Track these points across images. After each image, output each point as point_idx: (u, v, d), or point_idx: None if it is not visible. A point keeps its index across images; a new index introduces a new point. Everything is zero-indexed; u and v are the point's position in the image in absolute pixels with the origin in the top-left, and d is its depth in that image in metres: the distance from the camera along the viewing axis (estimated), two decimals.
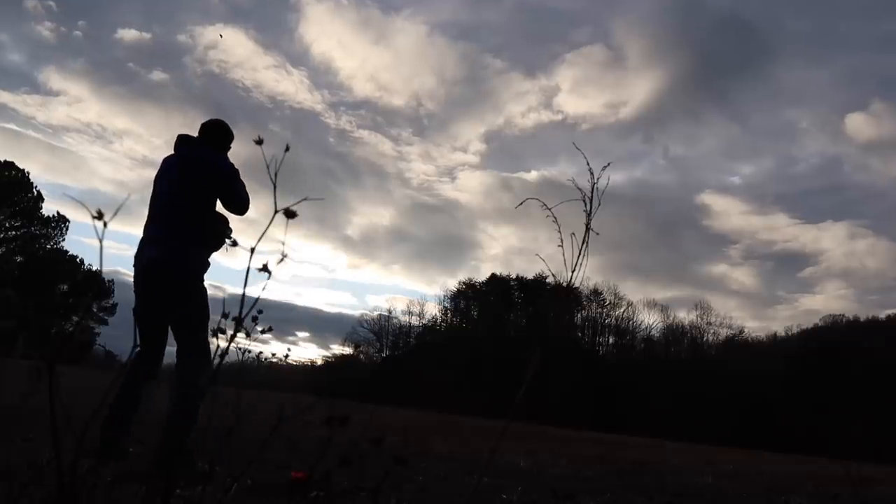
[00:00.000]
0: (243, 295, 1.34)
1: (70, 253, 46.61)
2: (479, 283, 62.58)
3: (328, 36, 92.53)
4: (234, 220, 3.95)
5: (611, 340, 59.03)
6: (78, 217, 50.14)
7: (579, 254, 1.63)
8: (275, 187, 1.26)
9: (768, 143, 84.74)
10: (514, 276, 60.74)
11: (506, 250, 79.25)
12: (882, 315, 53.92)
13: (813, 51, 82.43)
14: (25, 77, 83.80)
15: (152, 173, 3.91)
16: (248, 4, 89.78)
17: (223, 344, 1.38)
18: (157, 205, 3.78)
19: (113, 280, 47.20)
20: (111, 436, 3.18)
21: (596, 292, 57.53)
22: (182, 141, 3.91)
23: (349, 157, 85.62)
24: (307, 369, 59.56)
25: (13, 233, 44.72)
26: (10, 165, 44.49)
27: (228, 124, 4.08)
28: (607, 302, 58.12)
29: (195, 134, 3.99)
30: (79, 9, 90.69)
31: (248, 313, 1.35)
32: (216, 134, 3.99)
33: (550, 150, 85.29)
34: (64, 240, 46.76)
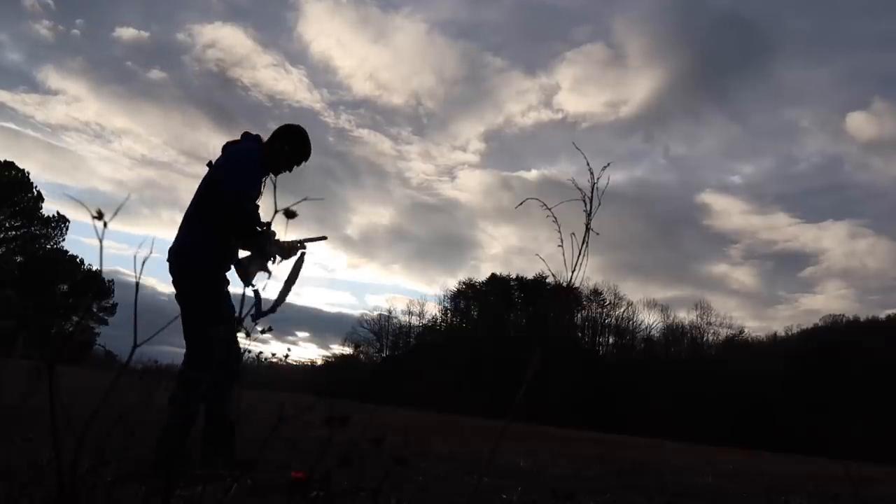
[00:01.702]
0: (243, 295, 1.34)
1: (70, 253, 46.70)
2: (479, 283, 62.66)
3: (327, 34, 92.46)
4: None
5: (611, 340, 59.10)
6: (78, 217, 50.21)
7: (579, 254, 1.63)
8: (275, 187, 1.27)
9: (769, 142, 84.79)
10: (514, 276, 60.82)
11: (506, 250, 79.34)
12: (882, 315, 54.06)
13: (813, 49, 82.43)
14: (24, 76, 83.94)
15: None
16: (246, 3, 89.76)
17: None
18: None
19: (113, 280, 47.20)
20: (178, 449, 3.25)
21: (596, 292, 57.60)
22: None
23: (349, 156, 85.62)
24: (307, 369, 59.58)
25: (13, 233, 44.74)
26: (10, 165, 44.52)
27: (298, 132, 3.83)
28: (607, 302, 58.20)
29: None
30: (77, 7, 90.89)
31: (248, 313, 1.35)
32: (275, 134, 3.82)
33: (551, 149, 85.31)
34: (64, 240, 46.83)
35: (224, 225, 3.54)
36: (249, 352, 3.74)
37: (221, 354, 3.49)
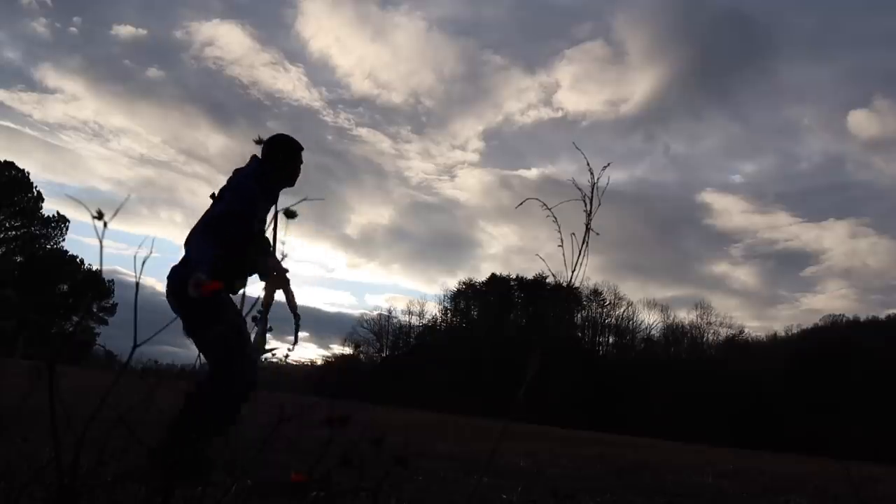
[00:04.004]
0: (244, 295, 1.34)
1: (70, 253, 46.72)
2: (479, 283, 62.68)
3: (326, 32, 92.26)
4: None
5: (611, 340, 59.09)
6: (78, 216, 50.18)
7: (579, 254, 1.63)
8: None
9: (770, 140, 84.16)
10: (514, 275, 60.84)
11: (506, 249, 79.30)
12: (883, 315, 54.06)
13: (816, 47, 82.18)
14: (21, 74, 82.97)
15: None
16: (244, 0, 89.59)
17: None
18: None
19: (113, 280, 47.21)
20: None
21: (596, 292, 57.60)
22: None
23: (348, 155, 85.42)
24: (307, 369, 59.61)
25: (13, 233, 44.77)
26: (10, 165, 44.56)
27: (284, 140, 3.75)
28: (607, 302, 58.19)
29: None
30: (74, 5, 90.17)
31: (249, 313, 1.35)
32: (265, 150, 3.70)
33: (551, 148, 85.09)
34: (64, 240, 46.86)
35: (226, 234, 3.40)
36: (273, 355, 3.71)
37: (236, 361, 3.36)
